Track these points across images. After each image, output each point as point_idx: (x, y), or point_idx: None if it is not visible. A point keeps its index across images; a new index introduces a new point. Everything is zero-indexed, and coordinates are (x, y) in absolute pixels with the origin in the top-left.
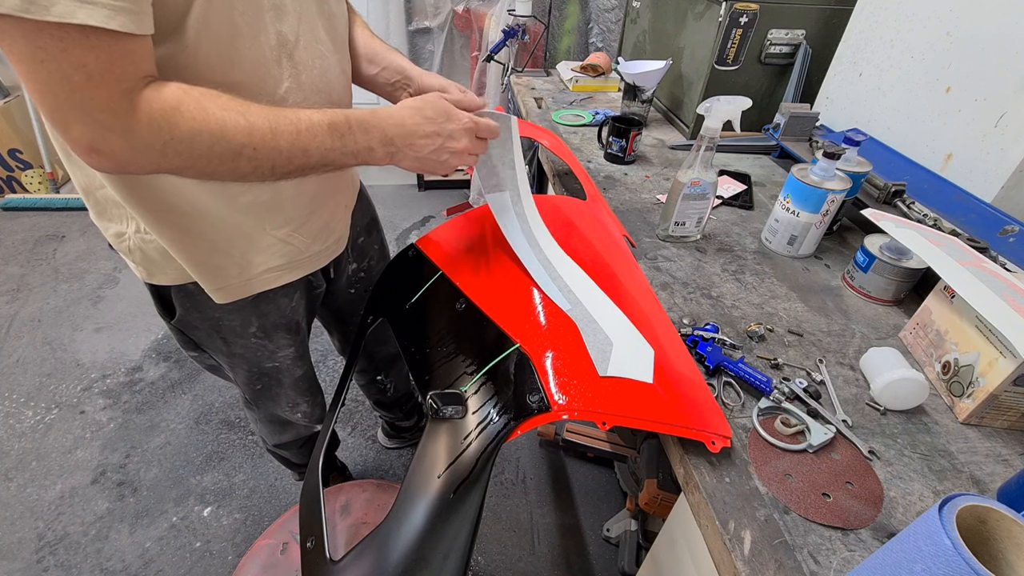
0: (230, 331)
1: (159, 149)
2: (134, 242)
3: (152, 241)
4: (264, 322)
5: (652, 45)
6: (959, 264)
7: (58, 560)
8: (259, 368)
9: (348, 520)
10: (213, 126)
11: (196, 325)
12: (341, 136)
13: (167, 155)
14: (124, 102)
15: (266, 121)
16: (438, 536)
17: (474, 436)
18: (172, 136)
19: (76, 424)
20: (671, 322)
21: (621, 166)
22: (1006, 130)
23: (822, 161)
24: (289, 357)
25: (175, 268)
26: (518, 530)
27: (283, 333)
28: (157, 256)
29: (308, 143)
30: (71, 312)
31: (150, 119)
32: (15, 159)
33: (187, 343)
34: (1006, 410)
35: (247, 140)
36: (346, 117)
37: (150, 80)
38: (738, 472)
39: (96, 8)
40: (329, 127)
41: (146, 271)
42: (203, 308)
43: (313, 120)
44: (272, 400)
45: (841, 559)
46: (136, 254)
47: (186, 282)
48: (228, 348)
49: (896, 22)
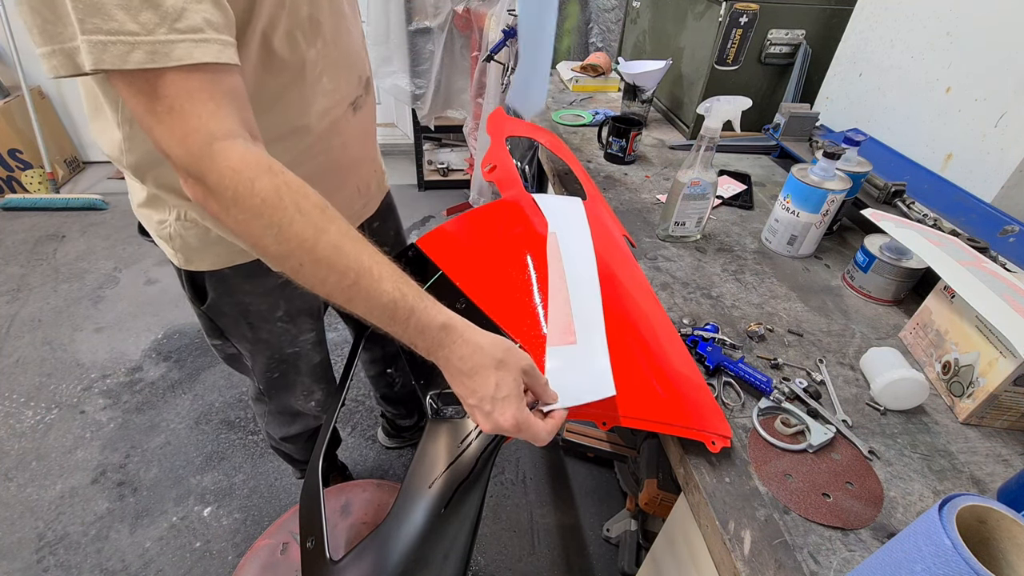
0: (258, 315)
1: (229, 198)
2: (175, 229)
3: (192, 228)
4: (290, 306)
5: (652, 45)
6: (959, 264)
7: (58, 560)
8: (280, 354)
9: (348, 520)
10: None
11: (225, 311)
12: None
13: (229, 210)
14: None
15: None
16: (438, 536)
17: (474, 436)
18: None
19: (76, 424)
20: (671, 322)
21: (621, 166)
22: (1006, 130)
23: (822, 161)
24: (309, 342)
25: (213, 254)
26: (518, 530)
27: (306, 317)
28: (196, 242)
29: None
30: (71, 312)
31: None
32: (15, 159)
33: (213, 330)
34: (1006, 410)
35: (301, 255)
36: (411, 311)
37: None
38: (738, 472)
39: (209, 45)
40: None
41: (184, 257)
42: (235, 293)
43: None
44: (287, 389)
45: (841, 559)
46: (176, 240)
47: (222, 267)
48: (254, 334)
49: (896, 22)
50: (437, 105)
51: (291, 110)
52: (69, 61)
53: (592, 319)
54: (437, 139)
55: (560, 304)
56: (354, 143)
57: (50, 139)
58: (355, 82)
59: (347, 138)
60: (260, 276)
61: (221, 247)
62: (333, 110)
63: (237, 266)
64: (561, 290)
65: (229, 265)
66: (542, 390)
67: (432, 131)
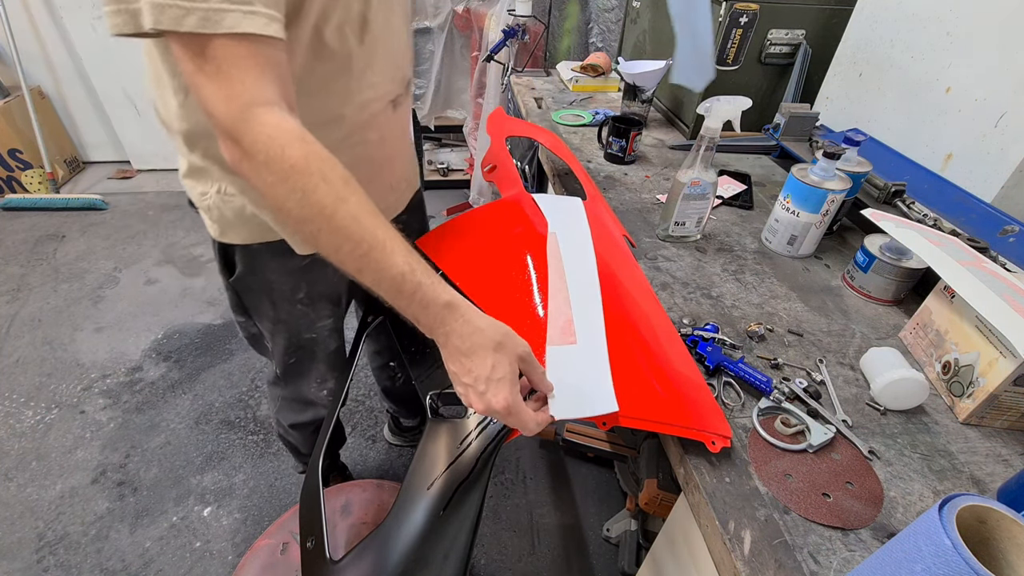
0: (280, 295)
1: (260, 161)
2: (214, 201)
3: (230, 202)
4: (311, 290)
5: (652, 45)
6: (959, 264)
7: (58, 560)
8: (298, 339)
9: (348, 520)
10: (302, 184)
11: (251, 287)
12: (399, 294)
13: (260, 172)
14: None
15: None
16: (438, 536)
17: (474, 436)
18: (268, 161)
19: (76, 424)
20: (671, 322)
21: (621, 166)
22: (1006, 130)
23: (822, 161)
24: (327, 329)
25: (246, 229)
26: (518, 530)
27: (325, 303)
28: (231, 216)
29: (365, 268)
30: (71, 312)
31: (267, 137)
32: (15, 159)
33: (238, 306)
34: (1006, 410)
35: (320, 222)
36: (417, 286)
37: (284, 104)
38: (738, 472)
39: (257, 17)
40: (396, 278)
41: (219, 229)
42: (261, 270)
43: (390, 261)
44: (302, 376)
45: (841, 559)
46: (214, 212)
47: (252, 242)
48: (275, 313)
49: (896, 22)
50: (437, 105)
51: (333, 99)
52: (132, 20)
53: (592, 319)
54: (437, 139)
55: (560, 304)
56: (391, 139)
57: (50, 139)
58: (398, 80)
59: (384, 133)
60: (286, 256)
61: (254, 223)
62: (373, 104)
63: (266, 243)
64: (561, 290)
65: (259, 241)
66: (539, 378)
67: (432, 131)
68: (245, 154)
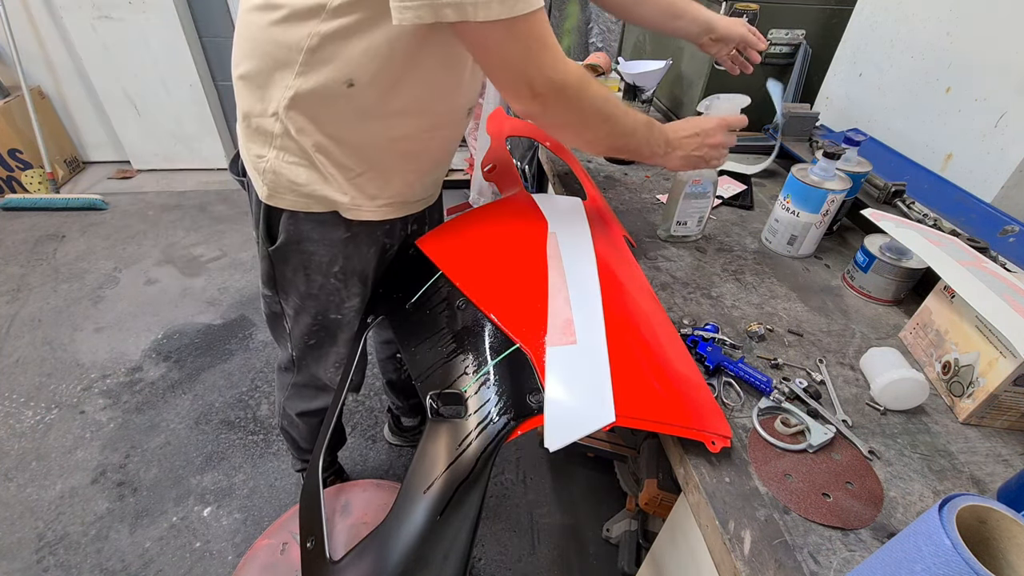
0: (317, 267)
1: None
2: (270, 164)
3: (287, 169)
4: (347, 264)
5: (652, 45)
6: (959, 264)
7: (58, 560)
8: (323, 318)
9: (348, 520)
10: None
11: (290, 257)
12: (650, 130)
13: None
14: (562, 60)
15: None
16: (438, 536)
17: (474, 436)
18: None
19: (76, 424)
20: (671, 322)
21: (621, 166)
22: (1006, 130)
23: (822, 161)
24: (353, 309)
25: (294, 195)
26: (518, 530)
27: (356, 280)
28: (285, 181)
29: (639, 128)
30: (71, 312)
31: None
32: (15, 159)
33: (269, 279)
34: (1006, 410)
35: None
36: (650, 121)
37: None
38: (738, 472)
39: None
40: (646, 124)
41: (269, 191)
42: (303, 239)
43: (640, 118)
44: (319, 360)
45: (841, 559)
46: (268, 175)
47: (299, 210)
48: (307, 287)
49: (896, 22)
50: None
51: (439, 96)
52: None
53: (592, 319)
54: None
55: (560, 304)
56: (455, 139)
57: (50, 139)
58: (478, 90)
59: (452, 134)
60: (329, 227)
61: (302, 192)
62: (460, 108)
63: (310, 213)
64: (561, 290)
65: (305, 210)
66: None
67: None
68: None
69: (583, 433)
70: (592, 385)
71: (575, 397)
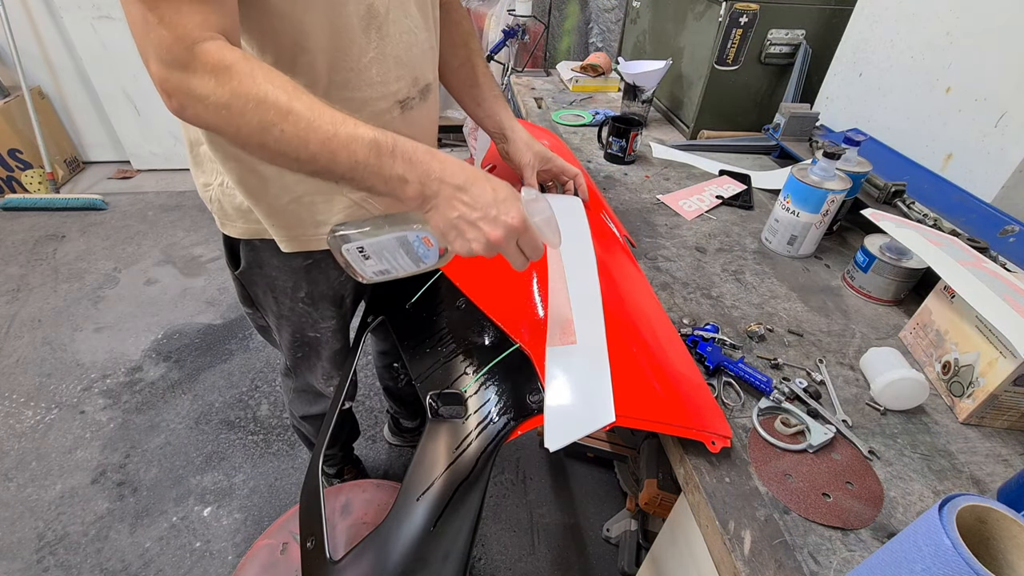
0: (283, 292)
1: (204, 100)
2: (215, 193)
3: (230, 196)
4: (313, 289)
5: (652, 45)
6: (959, 264)
7: (58, 560)
8: (302, 335)
9: (348, 520)
10: (253, 93)
11: (255, 280)
12: (379, 155)
13: (209, 108)
14: (185, 48)
15: (308, 111)
16: (438, 536)
17: (474, 436)
18: (215, 91)
19: (76, 424)
20: (671, 322)
21: (621, 166)
22: (1006, 130)
23: (822, 161)
24: (330, 329)
25: (244, 223)
26: (518, 530)
27: (328, 304)
28: (231, 210)
29: (339, 149)
30: (71, 312)
31: (204, 68)
32: (15, 159)
33: (245, 298)
34: (1006, 410)
35: (278, 119)
36: (395, 142)
37: (219, 38)
38: (738, 472)
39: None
40: (371, 143)
41: (219, 220)
42: (263, 265)
43: (358, 132)
44: (309, 370)
45: (841, 559)
46: (215, 204)
47: (252, 237)
48: (278, 308)
49: (896, 22)
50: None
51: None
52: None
53: (592, 319)
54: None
55: (560, 304)
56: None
57: (50, 139)
58: (407, 82)
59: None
60: (287, 254)
61: (251, 218)
62: (376, 102)
63: (266, 240)
64: (561, 290)
65: (257, 237)
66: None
67: None
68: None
69: (583, 433)
70: (592, 385)
71: (575, 397)
